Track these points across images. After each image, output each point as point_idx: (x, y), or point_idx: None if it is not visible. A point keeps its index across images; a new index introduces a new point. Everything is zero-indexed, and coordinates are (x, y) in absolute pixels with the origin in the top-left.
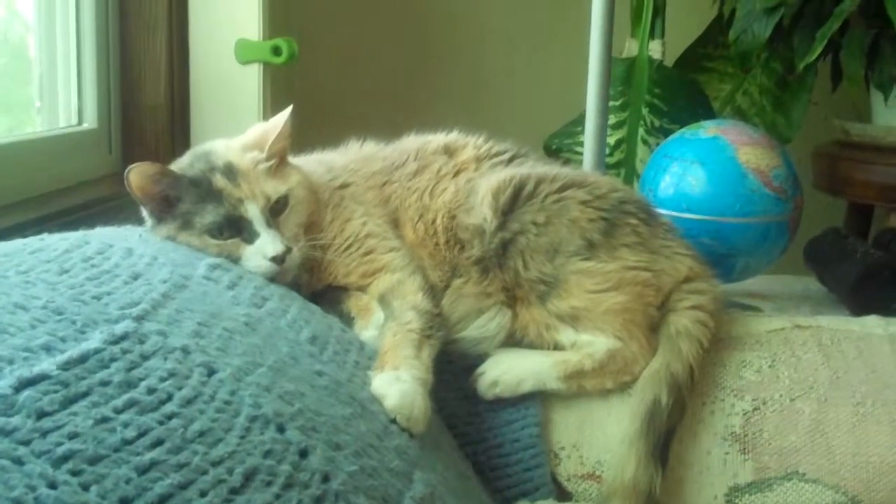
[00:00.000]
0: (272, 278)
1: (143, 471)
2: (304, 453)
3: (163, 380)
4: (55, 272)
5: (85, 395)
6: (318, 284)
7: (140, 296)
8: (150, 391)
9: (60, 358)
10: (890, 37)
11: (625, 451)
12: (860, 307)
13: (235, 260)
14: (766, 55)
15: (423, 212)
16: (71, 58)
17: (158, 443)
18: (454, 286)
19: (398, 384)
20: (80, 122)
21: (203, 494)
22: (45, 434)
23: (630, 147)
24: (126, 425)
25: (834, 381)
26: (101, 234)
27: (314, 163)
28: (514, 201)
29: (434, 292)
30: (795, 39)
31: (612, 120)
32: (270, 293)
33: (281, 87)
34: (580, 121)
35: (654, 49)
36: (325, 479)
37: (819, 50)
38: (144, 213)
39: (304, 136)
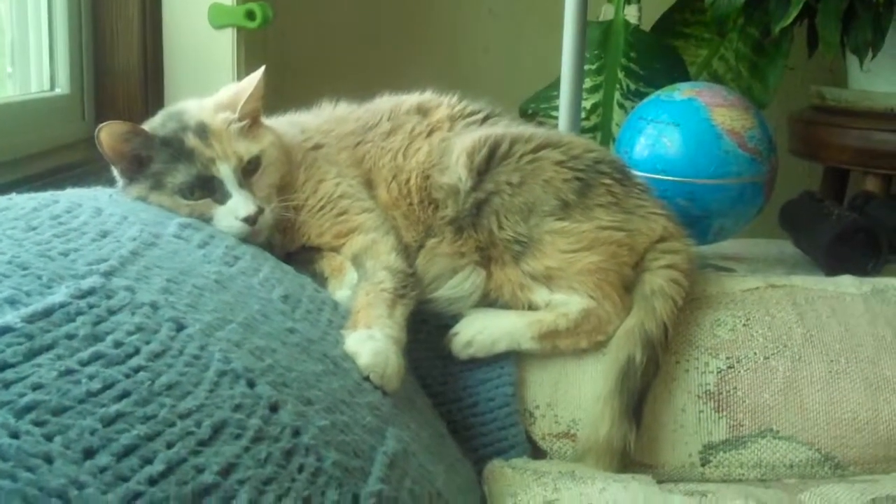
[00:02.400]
0: (244, 239)
1: (108, 422)
2: (274, 408)
3: (130, 334)
4: (22, 229)
5: (49, 347)
6: (291, 245)
7: (108, 252)
8: (117, 345)
9: (25, 311)
10: (865, 1)
11: (599, 409)
12: (834, 269)
13: (207, 220)
14: (743, 20)
15: (397, 172)
16: (42, 23)
17: (124, 395)
18: (428, 246)
19: (371, 342)
20: (52, 88)
21: (170, 446)
22: (7, 385)
23: (606, 111)
24: (91, 377)
25: (808, 339)
26: (70, 194)
27: (287, 124)
28: (488, 161)
29: (407, 252)
30: (771, 4)
31: (588, 84)
32: (242, 252)
33: (255, 51)
34: (556, 85)
35: (630, 14)
36: (296, 433)
37: (794, 14)
38: (115, 172)
39: (277, 99)
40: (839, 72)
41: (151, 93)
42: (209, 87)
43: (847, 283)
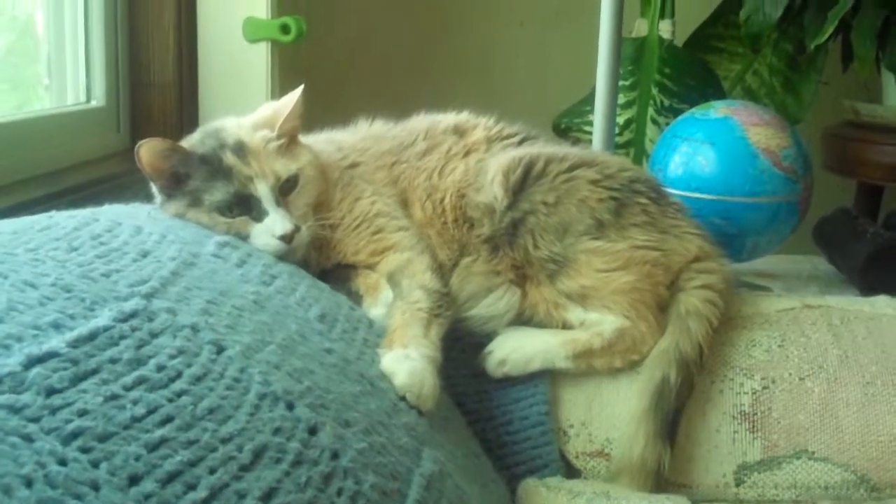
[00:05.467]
0: (281, 257)
1: (152, 448)
2: (313, 430)
3: (172, 357)
4: (64, 250)
5: (94, 372)
6: (326, 262)
7: (149, 273)
8: (160, 368)
9: (70, 335)
10: None
11: (633, 429)
12: (869, 287)
13: (244, 238)
14: (777, 35)
15: (432, 191)
16: (79, 35)
17: (168, 420)
18: (463, 265)
19: (407, 362)
20: (88, 100)
21: (212, 471)
22: (54, 411)
23: (639, 127)
24: (135, 402)
25: (843, 360)
26: (109, 212)
27: (324, 142)
28: (524, 180)
29: (442, 271)
30: (806, 19)
31: (621, 99)
32: (279, 271)
33: (289, 65)
34: (589, 100)
35: (664, 29)
36: (335, 456)
37: (830, 31)
38: (154, 189)
39: (312, 114)
40: (874, 88)
41: (186, 106)
42: (244, 100)
43: (883, 304)
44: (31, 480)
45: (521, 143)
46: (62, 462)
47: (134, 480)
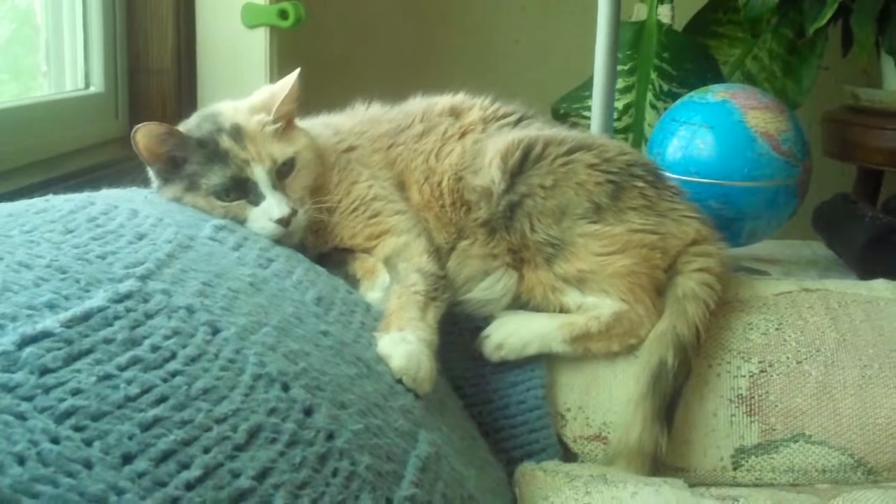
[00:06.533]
0: (278, 240)
1: (146, 427)
2: (308, 411)
3: (167, 338)
4: (60, 232)
5: (88, 352)
6: (323, 246)
7: (144, 255)
8: (154, 349)
9: (64, 315)
10: None
11: (630, 412)
12: (868, 272)
13: (241, 222)
14: (776, 20)
15: (429, 174)
16: (77, 22)
17: (162, 400)
18: (460, 248)
19: (404, 345)
20: (86, 86)
21: (206, 451)
22: (47, 390)
23: (638, 111)
24: (129, 382)
25: (841, 343)
26: (106, 196)
27: (320, 125)
28: (522, 164)
29: (439, 254)
30: (805, 4)
31: (620, 84)
32: (276, 254)
33: (287, 50)
34: (588, 85)
35: (663, 13)
36: (330, 437)
37: (829, 14)
38: (151, 173)
39: (310, 99)
40: (874, 72)
41: (185, 91)
42: (242, 85)
43: (881, 287)
44: (23, 458)
45: (517, 122)
46: (55, 440)
47: (127, 459)
